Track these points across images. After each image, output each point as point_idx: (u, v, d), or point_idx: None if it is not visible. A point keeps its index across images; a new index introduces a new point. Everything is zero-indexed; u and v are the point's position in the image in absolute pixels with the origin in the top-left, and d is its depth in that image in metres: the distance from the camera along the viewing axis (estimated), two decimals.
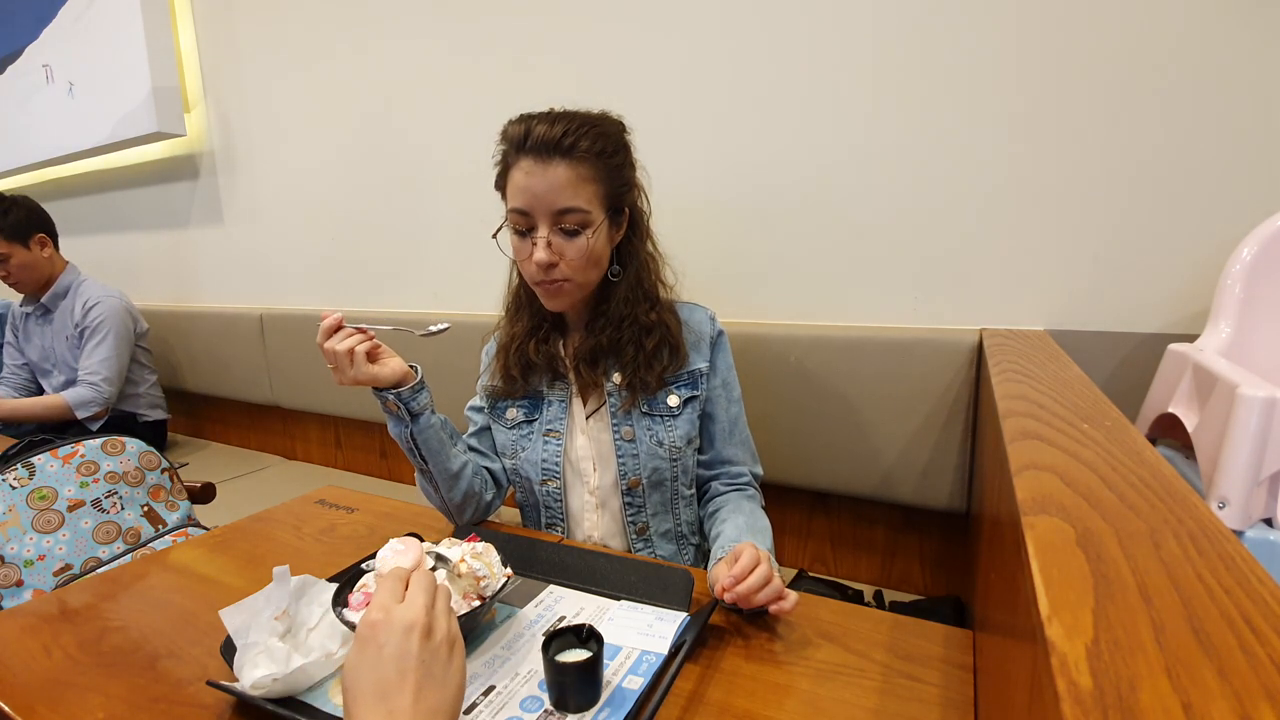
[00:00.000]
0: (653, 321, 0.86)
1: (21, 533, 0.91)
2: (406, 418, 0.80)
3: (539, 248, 0.78)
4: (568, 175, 0.76)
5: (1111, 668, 0.23)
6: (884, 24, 1.09)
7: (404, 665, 0.42)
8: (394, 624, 0.44)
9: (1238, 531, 0.65)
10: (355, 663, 0.43)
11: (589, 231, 0.79)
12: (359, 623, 0.45)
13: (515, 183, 0.78)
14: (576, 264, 0.79)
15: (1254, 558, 0.31)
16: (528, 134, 0.76)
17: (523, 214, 0.79)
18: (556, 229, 0.78)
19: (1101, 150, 0.99)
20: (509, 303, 0.94)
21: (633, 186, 0.85)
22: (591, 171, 0.78)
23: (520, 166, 0.77)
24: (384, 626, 0.43)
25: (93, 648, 0.64)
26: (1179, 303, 0.98)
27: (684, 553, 0.93)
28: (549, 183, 0.76)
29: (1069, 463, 0.44)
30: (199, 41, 2.02)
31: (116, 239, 2.44)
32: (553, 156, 0.76)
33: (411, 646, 0.43)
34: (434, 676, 0.43)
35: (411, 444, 0.82)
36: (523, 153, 0.77)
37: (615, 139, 0.81)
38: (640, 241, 0.88)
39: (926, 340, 1.08)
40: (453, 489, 0.85)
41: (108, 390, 1.78)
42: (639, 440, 0.87)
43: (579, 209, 0.77)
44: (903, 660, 0.58)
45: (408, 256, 1.74)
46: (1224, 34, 0.90)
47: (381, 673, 0.42)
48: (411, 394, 0.80)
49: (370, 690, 0.41)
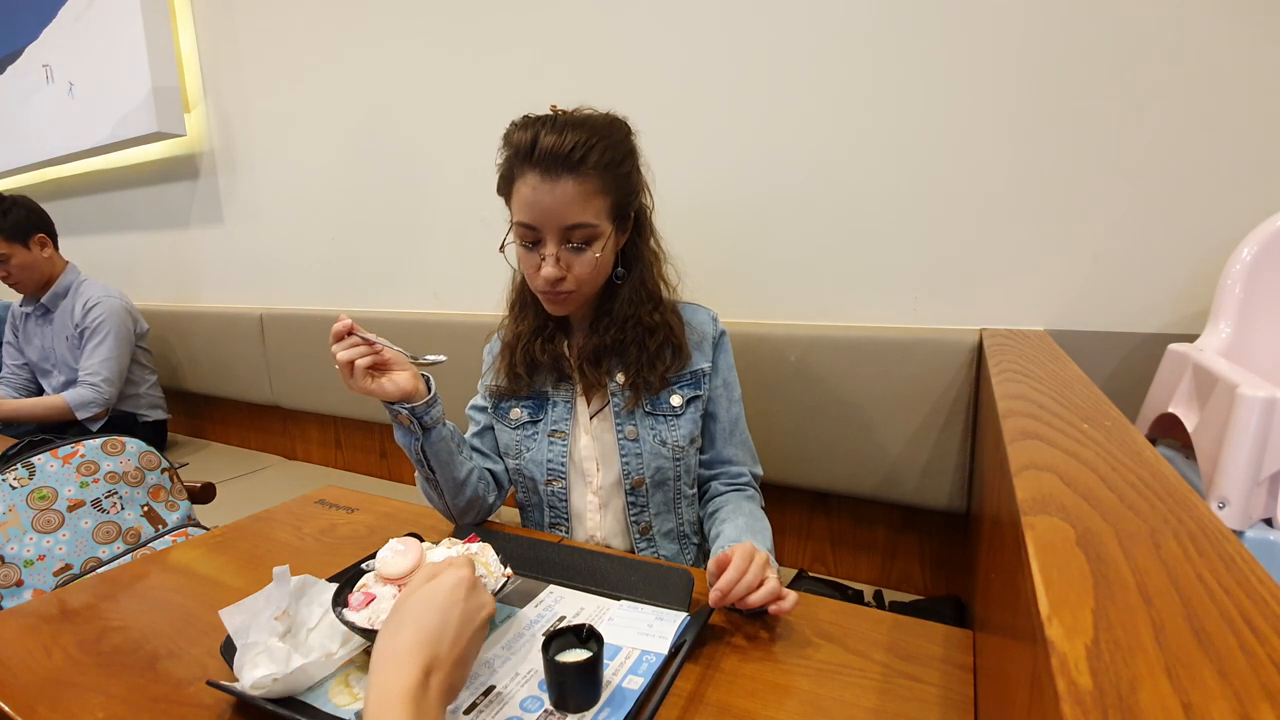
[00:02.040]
0: (656, 322, 0.86)
1: (21, 533, 0.91)
2: (418, 431, 0.78)
3: (547, 263, 0.77)
4: (576, 191, 0.74)
5: (1111, 668, 0.23)
6: (884, 24, 1.09)
7: (447, 615, 0.47)
8: (448, 577, 0.50)
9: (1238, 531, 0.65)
10: (410, 600, 0.48)
11: (597, 245, 0.78)
12: (410, 583, 0.51)
13: (521, 195, 0.76)
14: (584, 277, 0.79)
15: (1254, 558, 0.31)
16: (534, 144, 0.74)
17: (530, 228, 0.77)
18: (564, 245, 0.77)
19: (1101, 150, 0.99)
20: (513, 300, 0.93)
21: (639, 190, 0.84)
22: (600, 184, 0.76)
23: (527, 180, 0.75)
24: (440, 575, 0.50)
25: (93, 648, 0.63)
26: (1179, 303, 0.98)
27: (686, 552, 0.93)
28: (557, 199, 0.74)
29: (1069, 463, 0.44)
30: (199, 41, 2.02)
31: (116, 239, 2.44)
32: (561, 173, 0.74)
33: (458, 598, 0.48)
34: (467, 633, 0.47)
35: (421, 456, 0.81)
36: (529, 164, 0.75)
37: (623, 146, 0.79)
38: (644, 240, 0.88)
39: (926, 340, 1.08)
40: (458, 496, 0.85)
41: (108, 391, 1.78)
42: (642, 440, 0.87)
43: (587, 224, 0.76)
44: (903, 660, 0.58)
45: (408, 256, 1.74)
46: (1224, 34, 0.90)
47: (428, 618, 0.46)
48: (424, 409, 0.78)
49: (416, 628, 0.45)
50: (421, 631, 0.45)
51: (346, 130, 1.77)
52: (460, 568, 0.51)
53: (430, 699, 0.42)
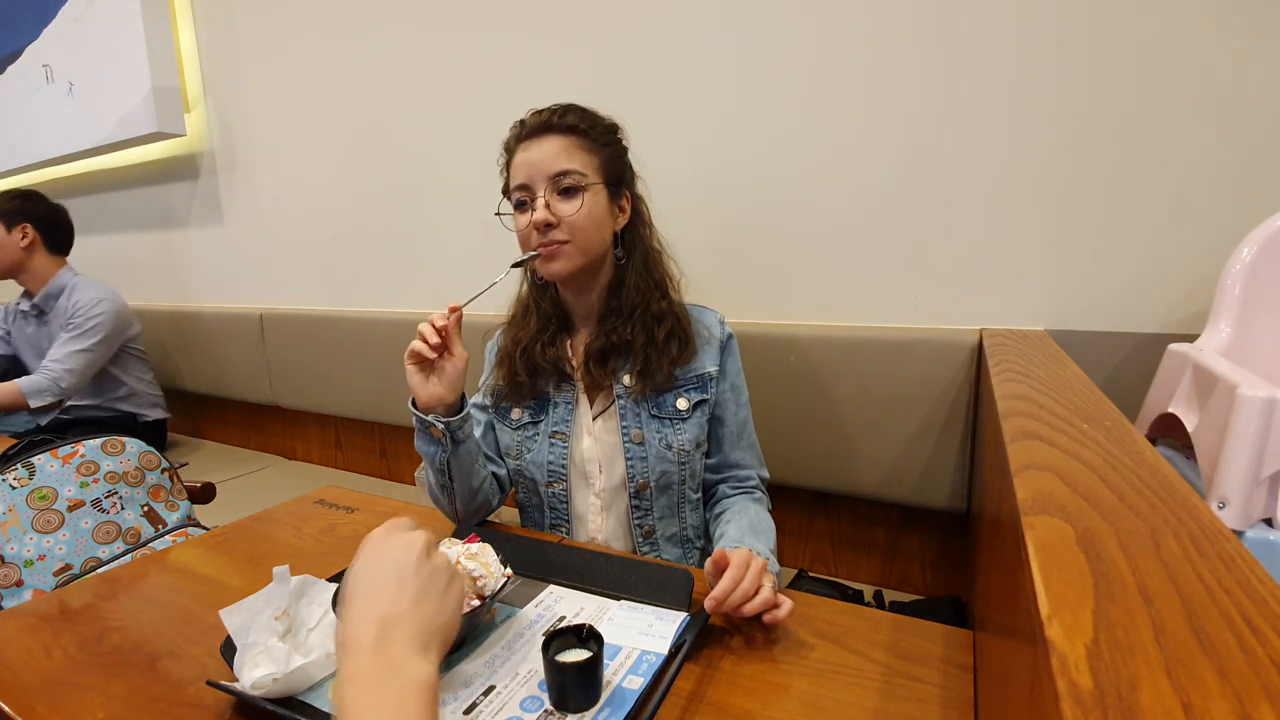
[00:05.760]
0: (664, 309, 0.87)
1: (21, 533, 0.91)
2: (449, 444, 0.80)
3: (538, 209, 0.80)
4: (561, 143, 0.81)
5: (1111, 668, 0.23)
6: (883, 24, 1.09)
7: (402, 576, 0.42)
8: (395, 540, 0.44)
9: (1238, 531, 0.65)
10: (353, 573, 0.43)
11: (586, 194, 0.81)
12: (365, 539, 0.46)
13: (515, 164, 0.83)
14: (575, 224, 0.81)
15: (1254, 558, 0.31)
16: (523, 124, 0.84)
17: (523, 187, 0.82)
18: (554, 191, 0.81)
19: (1101, 150, 0.99)
20: (516, 311, 0.94)
21: (628, 167, 0.89)
22: (584, 142, 0.82)
23: (519, 151, 0.83)
24: (382, 541, 0.44)
25: (93, 648, 0.63)
26: (1179, 303, 0.98)
27: (689, 556, 0.93)
28: (543, 152, 0.81)
29: (1069, 463, 0.44)
30: (199, 41, 2.02)
31: (116, 239, 2.44)
32: (545, 132, 0.82)
33: (409, 560, 0.43)
34: (431, 594, 0.42)
35: (444, 466, 0.81)
36: (521, 139, 0.83)
37: (606, 125, 0.86)
38: (644, 228, 0.90)
39: (926, 340, 1.08)
40: (470, 501, 0.86)
41: (67, 382, 1.72)
42: (648, 443, 0.87)
43: (574, 170, 0.81)
44: (903, 660, 0.58)
45: (407, 256, 1.74)
46: (1224, 34, 0.90)
47: (377, 580, 0.41)
48: (459, 423, 0.80)
49: (366, 596, 0.41)
50: (358, 599, 0.41)
51: (347, 130, 1.77)
52: (413, 531, 0.46)
53: (395, 649, 0.38)
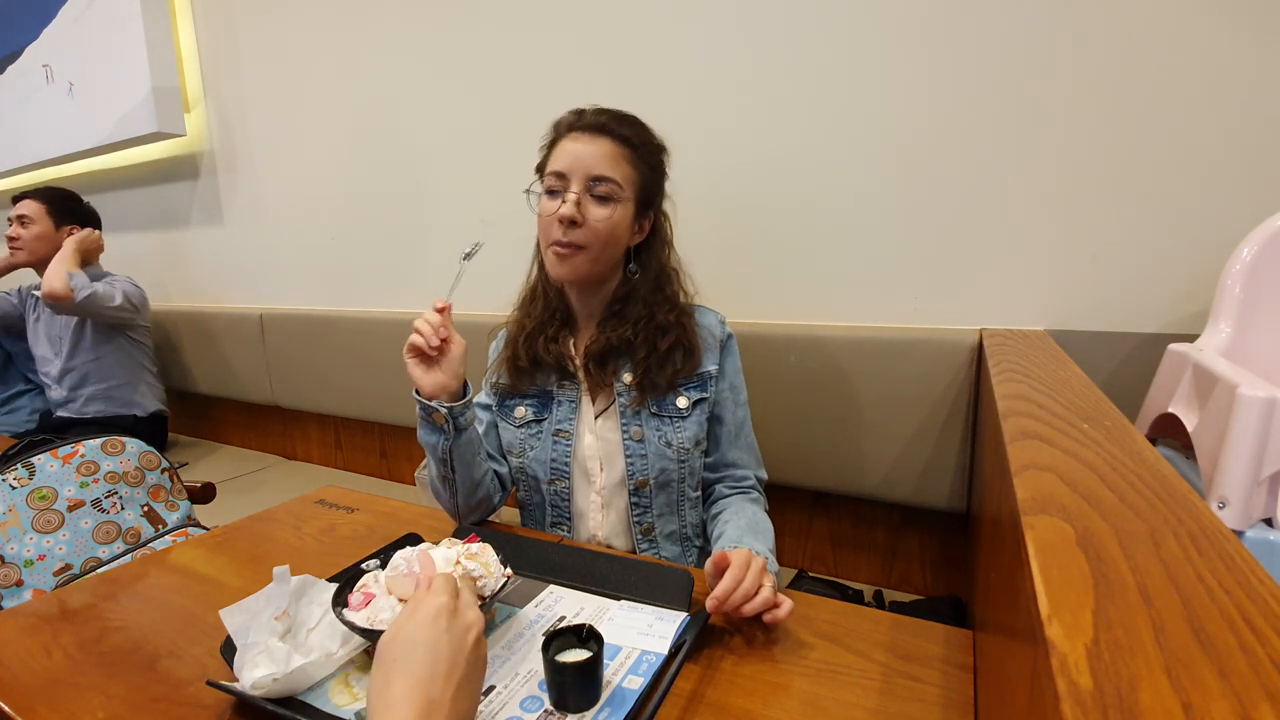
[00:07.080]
0: (670, 322, 0.87)
1: (21, 533, 0.91)
2: (451, 432, 0.80)
3: (568, 203, 0.81)
4: (611, 150, 0.82)
5: (1111, 668, 0.23)
6: (885, 25, 1.09)
7: (455, 660, 0.43)
8: (461, 621, 0.45)
9: (1238, 531, 0.65)
10: (415, 626, 0.44)
11: (615, 205, 0.82)
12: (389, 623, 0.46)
13: (560, 150, 0.83)
14: (596, 231, 0.82)
15: (1254, 558, 0.31)
16: (582, 114, 0.85)
17: (560, 175, 0.83)
18: (588, 193, 0.82)
19: (1101, 150, 0.99)
20: (524, 294, 0.95)
21: (661, 195, 0.90)
22: (632, 156, 0.84)
23: (568, 138, 0.84)
24: (453, 612, 0.46)
25: (93, 648, 0.63)
26: (1179, 303, 0.98)
27: (688, 554, 0.93)
28: (592, 151, 0.82)
29: (1069, 463, 0.44)
30: (199, 41, 2.02)
31: (116, 239, 2.43)
32: (601, 134, 0.83)
33: (466, 646, 0.44)
34: (470, 685, 0.44)
35: (446, 455, 0.82)
36: (573, 128, 0.84)
37: (655, 145, 0.88)
38: (662, 249, 0.91)
39: (926, 340, 1.08)
40: (472, 495, 0.85)
41: (91, 291, 1.72)
42: (648, 441, 0.87)
43: (613, 179, 0.82)
44: (903, 660, 0.58)
45: (408, 256, 1.74)
46: (1224, 34, 0.90)
47: (437, 654, 0.42)
48: (462, 409, 0.80)
49: (421, 666, 0.42)
50: (410, 675, 0.41)
51: (347, 130, 1.77)
52: (437, 594, 0.46)
53: None
